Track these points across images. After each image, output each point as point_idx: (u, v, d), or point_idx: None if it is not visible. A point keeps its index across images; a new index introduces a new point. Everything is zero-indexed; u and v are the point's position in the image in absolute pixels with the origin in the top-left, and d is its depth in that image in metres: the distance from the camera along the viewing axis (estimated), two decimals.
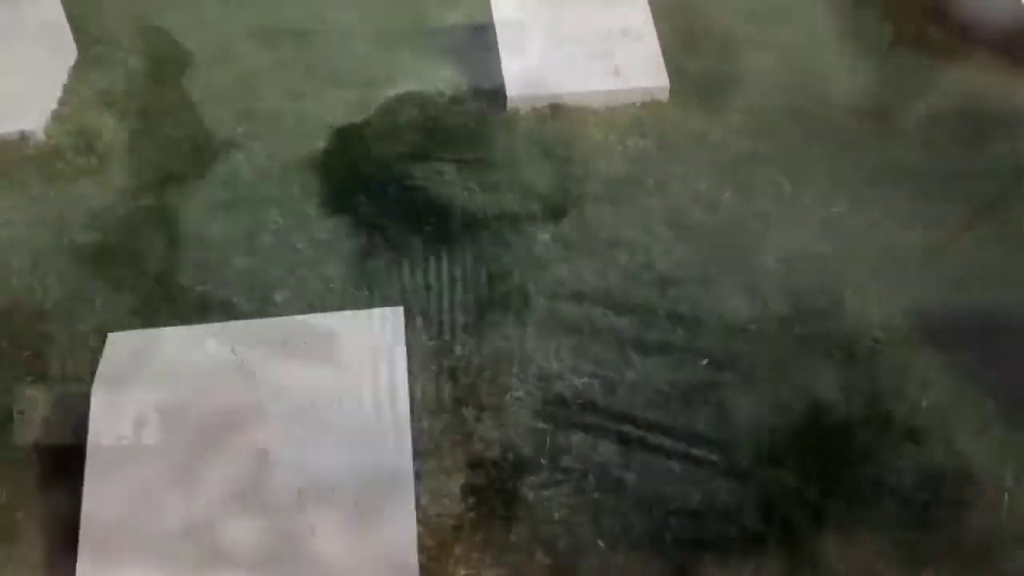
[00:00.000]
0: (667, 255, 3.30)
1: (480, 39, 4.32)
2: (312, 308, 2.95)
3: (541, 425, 2.61)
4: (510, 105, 4.10)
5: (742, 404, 2.74)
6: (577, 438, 2.59)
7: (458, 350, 2.86)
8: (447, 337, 2.90)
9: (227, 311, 2.95)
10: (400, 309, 2.52)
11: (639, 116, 4.09)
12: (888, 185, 3.65)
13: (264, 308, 3.01)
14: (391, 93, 4.18)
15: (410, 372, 2.77)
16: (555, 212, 3.47)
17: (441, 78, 4.27)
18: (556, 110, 4.12)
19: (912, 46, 4.55)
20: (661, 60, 4.29)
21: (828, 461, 2.53)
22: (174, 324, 2.80)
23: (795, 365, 2.82)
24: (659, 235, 3.39)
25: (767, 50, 4.53)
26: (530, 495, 2.45)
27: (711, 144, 3.90)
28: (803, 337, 2.93)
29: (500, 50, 4.21)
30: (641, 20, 4.38)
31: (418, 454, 2.57)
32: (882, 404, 2.71)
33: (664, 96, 4.23)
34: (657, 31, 4.64)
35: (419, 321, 2.94)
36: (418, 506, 2.44)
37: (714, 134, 3.96)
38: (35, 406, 2.75)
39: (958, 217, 3.48)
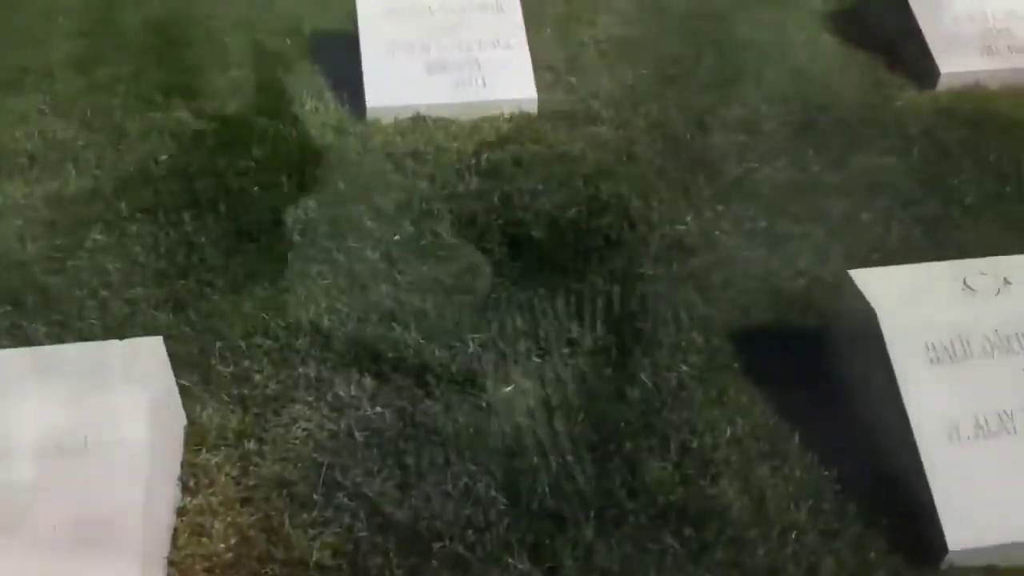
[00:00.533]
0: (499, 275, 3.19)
1: (347, 48, 4.21)
2: (111, 334, 2.83)
3: (321, 459, 2.50)
4: (370, 116, 3.99)
5: None
6: (357, 473, 2.47)
7: (256, 378, 2.75)
8: (245, 364, 2.79)
9: (14, 336, 2.83)
10: (159, 339, 2.40)
11: (502, 129, 3.98)
12: (740, 201, 3.57)
13: (60, 334, 2.88)
14: (248, 102, 4.11)
15: (198, 402, 2.69)
16: (392, 229, 3.36)
17: (304, 87, 4.19)
18: (418, 122, 4.02)
19: None
20: (531, 72, 4.18)
21: (610, 494, 2.43)
22: None
23: (598, 389, 2.72)
24: (498, 252, 3.29)
25: (644, 65, 4.46)
26: (294, 534, 2.34)
27: (570, 159, 3.79)
28: (616, 362, 2.82)
29: (363, 59, 4.11)
30: (513, 30, 4.27)
31: (186, 489, 2.47)
32: (682, 434, 2.60)
33: (533, 108, 4.13)
34: (531, 42, 4.58)
35: (217, 347, 2.83)
36: (173, 546, 2.34)
37: (575, 149, 3.86)
38: None
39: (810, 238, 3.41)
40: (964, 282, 2.60)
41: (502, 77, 4.16)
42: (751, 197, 3.60)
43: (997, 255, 3.01)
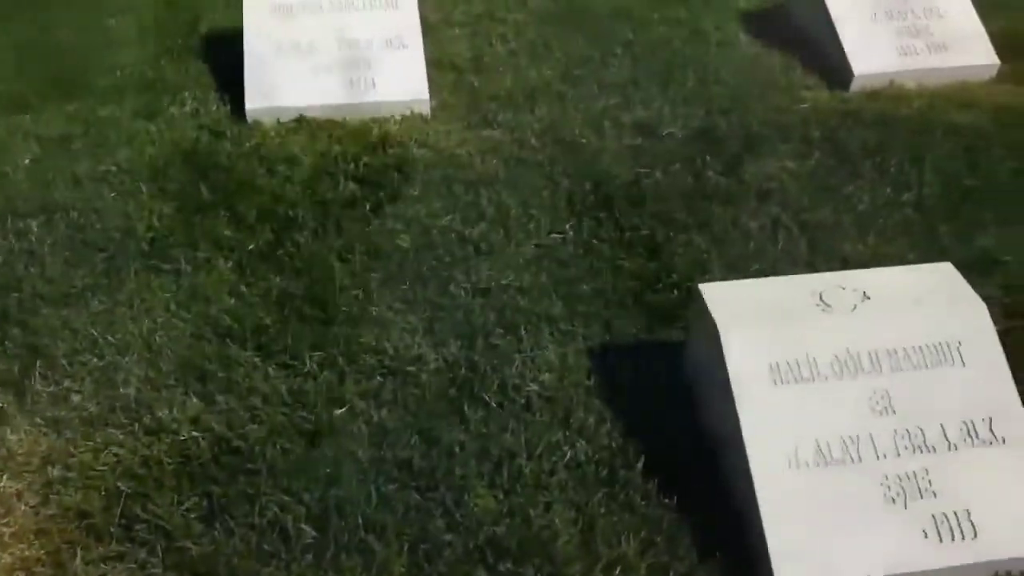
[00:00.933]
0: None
1: (235, 49, 4.05)
2: None
3: (125, 488, 2.34)
4: (250, 118, 3.82)
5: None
6: (160, 503, 2.31)
7: (75, 399, 2.58)
8: (66, 384, 2.62)
9: None
10: None
11: (390, 132, 3.82)
12: (625, 207, 3.37)
13: None
14: (129, 103, 3.94)
15: (8, 425, 2.52)
16: (249, 238, 3.17)
17: (190, 87, 4.02)
18: (303, 124, 3.85)
19: None
20: (424, 72, 4.03)
21: (428, 526, 2.27)
22: None
23: (439, 410, 2.57)
24: (353, 262, 3.13)
25: (550, 65, 4.30)
26: (84, 570, 2.17)
27: (456, 163, 3.63)
28: (462, 380, 2.67)
29: (245, 59, 3.94)
30: (408, 29, 4.11)
31: None
32: (518, 459, 2.42)
33: (425, 110, 3.97)
34: (439, 40, 4.43)
35: (39, 365, 2.67)
36: None
37: (463, 153, 3.70)
38: None
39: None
40: (820, 297, 2.43)
41: (393, 78, 4.00)
42: (637, 203, 3.43)
43: (882, 266, 2.90)
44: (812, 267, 3.13)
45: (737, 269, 3.13)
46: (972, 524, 2.16)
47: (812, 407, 2.27)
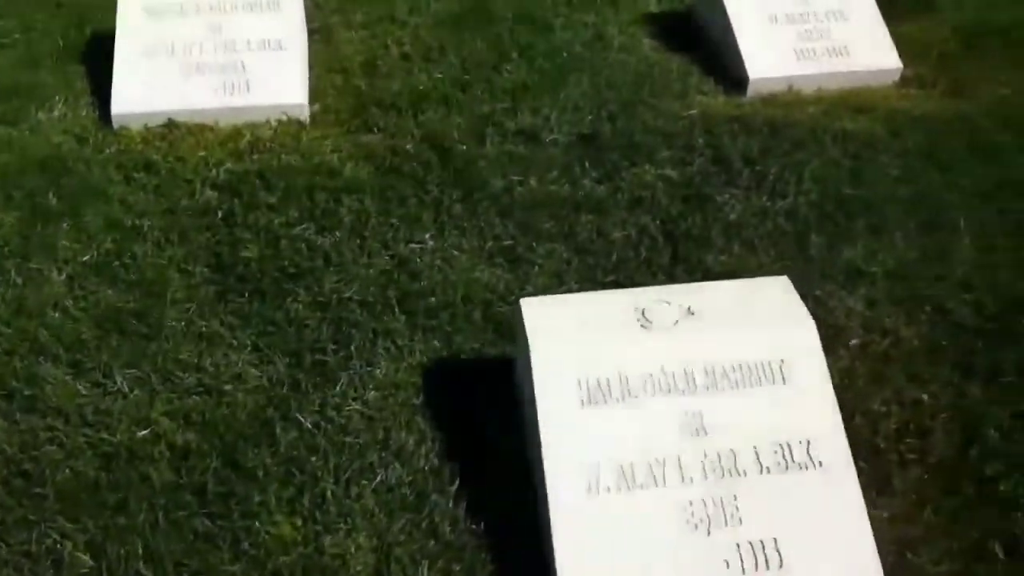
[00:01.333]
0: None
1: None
2: None
3: None
4: (117, 123, 3.70)
5: None
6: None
7: None
8: None
9: None
10: None
11: (262, 137, 3.69)
12: (492, 217, 3.28)
13: None
14: None
15: None
16: (88, 249, 3.04)
17: (62, 91, 3.89)
18: (172, 129, 3.73)
19: None
20: (302, 76, 3.90)
21: (212, 556, 2.15)
22: None
23: (249, 432, 2.44)
24: (198, 274, 3.00)
25: (442, 69, 4.19)
26: None
27: (324, 171, 3.50)
28: (280, 399, 2.56)
29: (115, 63, 3.81)
30: (289, 31, 3.98)
31: None
32: (323, 484, 2.31)
33: (303, 115, 3.85)
34: (334, 42, 4.32)
35: None
36: None
37: (335, 160, 3.58)
38: None
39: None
40: (642, 313, 2.33)
41: (270, 81, 3.87)
42: (506, 213, 3.32)
43: (740, 278, 2.79)
44: (672, 278, 3.03)
45: (593, 280, 3.02)
46: (779, 553, 2.05)
47: (619, 429, 2.16)
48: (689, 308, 2.33)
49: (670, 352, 2.24)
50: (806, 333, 2.29)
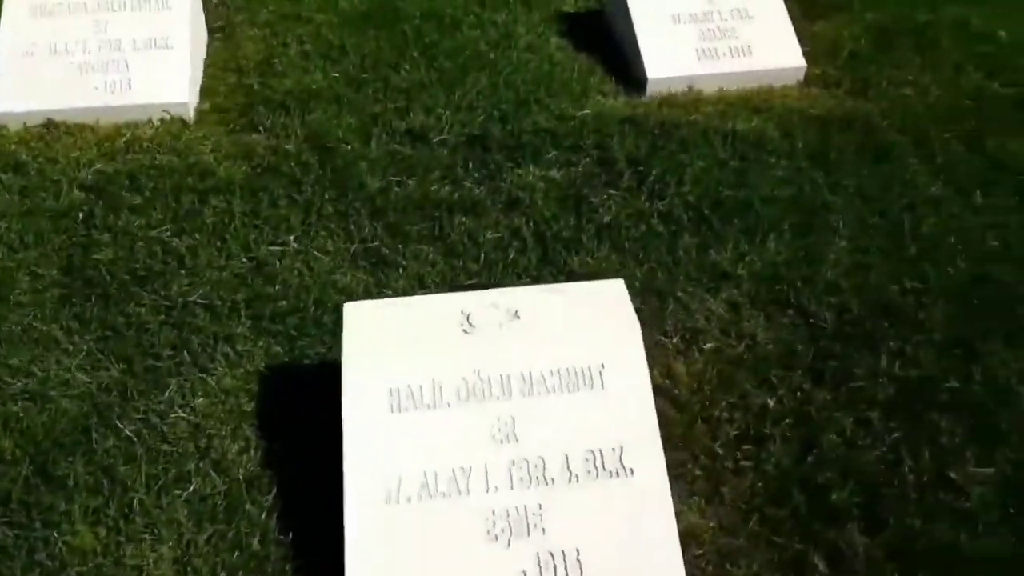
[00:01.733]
0: None
1: None
2: None
3: None
4: None
5: None
6: None
7: None
8: None
9: None
10: None
11: (141, 137, 3.61)
12: (362, 220, 3.22)
13: None
14: None
15: None
16: None
17: None
18: (50, 129, 3.65)
19: None
20: (188, 75, 3.82)
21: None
22: None
23: (66, 440, 2.37)
24: (47, 277, 2.92)
25: (340, 67, 4.12)
26: None
27: (197, 172, 3.41)
28: (105, 406, 2.47)
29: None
30: (176, 29, 3.90)
31: None
32: (134, 493, 2.24)
33: (186, 114, 3.78)
34: (235, 39, 4.24)
35: None
36: None
37: (211, 161, 3.51)
38: None
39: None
40: (467, 318, 2.27)
41: (153, 80, 3.79)
42: (378, 215, 3.26)
43: (604, 279, 2.71)
44: (538, 280, 2.97)
45: (455, 283, 2.96)
46: (579, 564, 2.00)
47: (426, 436, 2.10)
48: (516, 312, 2.28)
49: (488, 357, 2.18)
50: (630, 337, 2.24)
